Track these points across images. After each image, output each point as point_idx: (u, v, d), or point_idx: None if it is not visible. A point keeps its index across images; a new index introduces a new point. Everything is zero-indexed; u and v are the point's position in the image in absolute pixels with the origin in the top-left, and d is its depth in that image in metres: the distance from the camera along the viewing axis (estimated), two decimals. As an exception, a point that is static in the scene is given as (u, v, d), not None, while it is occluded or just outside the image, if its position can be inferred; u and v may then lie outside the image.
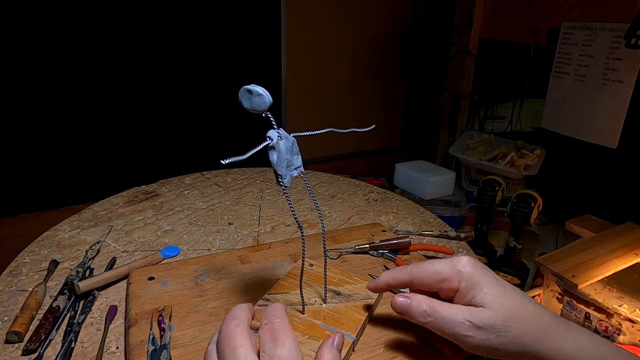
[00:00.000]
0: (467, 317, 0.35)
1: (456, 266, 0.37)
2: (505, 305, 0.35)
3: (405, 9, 1.97)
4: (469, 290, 0.36)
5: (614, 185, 1.33)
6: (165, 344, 0.42)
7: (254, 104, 0.36)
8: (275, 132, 0.38)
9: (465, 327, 0.35)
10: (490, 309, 0.35)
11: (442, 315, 0.36)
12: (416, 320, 0.37)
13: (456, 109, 1.83)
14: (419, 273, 0.39)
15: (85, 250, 0.64)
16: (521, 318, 0.35)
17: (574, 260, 0.98)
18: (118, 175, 1.50)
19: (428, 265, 0.39)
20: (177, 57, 1.50)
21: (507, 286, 0.37)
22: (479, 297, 0.36)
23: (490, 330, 0.34)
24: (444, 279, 0.38)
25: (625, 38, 1.06)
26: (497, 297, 0.36)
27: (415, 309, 0.37)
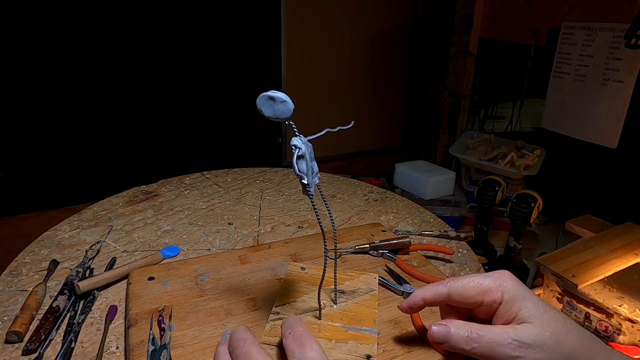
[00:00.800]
0: (513, 336, 0.33)
1: (499, 278, 0.36)
2: (551, 320, 0.34)
3: (405, 9, 1.97)
4: (513, 304, 0.34)
5: (614, 185, 1.33)
6: (165, 344, 0.42)
7: (277, 111, 0.34)
8: (299, 139, 0.36)
9: (513, 347, 0.33)
10: (536, 325, 0.33)
11: (487, 338, 0.34)
12: (458, 348, 0.34)
13: (456, 109, 1.83)
14: (458, 284, 0.37)
15: (85, 250, 0.64)
16: (568, 334, 0.33)
17: (574, 260, 0.98)
18: (118, 175, 1.51)
19: (467, 277, 0.37)
20: (177, 57, 1.50)
21: (546, 303, 0.35)
22: (524, 311, 0.34)
23: (541, 348, 0.33)
24: (486, 291, 0.36)
25: (625, 38, 1.06)
26: (542, 312, 0.34)
27: (457, 336, 0.34)
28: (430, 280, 0.55)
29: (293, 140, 0.35)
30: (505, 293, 0.35)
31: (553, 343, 0.33)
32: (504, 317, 0.35)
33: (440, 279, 0.55)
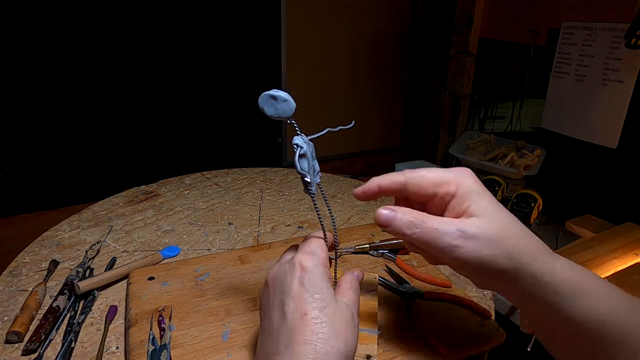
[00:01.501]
0: (458, 226, 0.32)
1: (457, 173, 0.35)
2: (502, 218, 0.33)
3: (405, 9, 1.97)
4: (466, 198, 0.33)
5: (614, 185, 1.32)
6: (165, 344, 0.42)
7: (278, 110, 0.34)
8: (301, 138, 0.35)
9: (454, 236, 0.32)
10: (484, 220, 0.32)
11: (430, 224, 0.32)
12: (401, 232, 0.33)
13: (456, 109, 1.83)
14: (415, 174, 0.36)
15: (85, 250, 0.64)
16: (517, 234, 0.32)
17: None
18: (118, 175, 1.50)
19: (426, 169, 0.36)
20: (177, 56, 1.50)
21: (500, 204, 0.34)
22: (475, 206, 0.33)
23: (483, 241, 0.31)
24: (442, 182, 0.34)
25: (625, 38, 1.06)
26: (494, 210, 0.33)
27: (401, 220, 0.33)
28: (430, 280, 0.55)
29: (295, 139, 0.35)
30: (460, 187, 0.34)
31: (496, 239, 0.31)
32: (454, 210, 0.34)
33: (441, 279, 0.55)
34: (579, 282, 0.32)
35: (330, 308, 0.32)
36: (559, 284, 0.32)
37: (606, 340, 0.31)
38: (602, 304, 0.31)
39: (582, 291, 0.31)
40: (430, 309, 0.50)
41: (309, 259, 0.34)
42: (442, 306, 0.51)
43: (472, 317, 0.49)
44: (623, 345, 0.31)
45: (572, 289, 0.31)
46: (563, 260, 0.33)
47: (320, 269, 0.34)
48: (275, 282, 0.35)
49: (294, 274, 0.34)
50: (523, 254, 0.32)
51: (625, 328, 0.31)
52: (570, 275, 0.32)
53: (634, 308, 0.32)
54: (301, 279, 0.33)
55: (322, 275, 0.34)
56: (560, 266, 0.32)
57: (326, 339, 0.31)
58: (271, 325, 0.33)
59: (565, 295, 0.31)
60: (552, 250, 0.34)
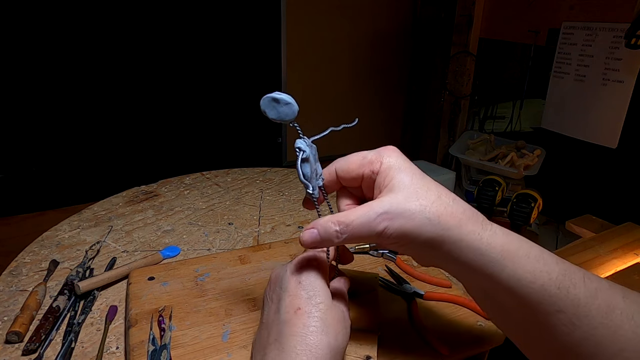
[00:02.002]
0: (377, 210, 0.32)
1: (381, 151, 0.35)
2: (421, 189, 0.33)
3: (405, 9, 1.97)
4: (387, 174, 0.34)
5: (614, 185, 1.32)
6: (165, 344, 0.42)
7: (280, 113, 0.34)
8: (303, 141, 0.35)
9: (378, 221, 0.31)
10: (403, 192, 0.32)
11: (354, 224, 0.32)
12: (332, 243, 0.33)
13: (456, 109, 1.83)
14: (343, 159, 0.37)
15: (85, 250, 0.64)
16: (438, 201, 0.32)
17: (574, 260, 0.98)
18: (118, 175, 1.50)
19: (353, 154, 0.37)
20: (177, 56, 1.50)
21: (427, 177, 0.34)
22: (395, 180, 0.33)
23: (403, 215, 0.31)
24: (366, 162, 0.35)
25: (625, 38, 1.06)
26: (414, 183, 0.33)
27: (325, 233, 0.33)
28: (430, 280, 0.55)
29: (297, 143, 0.34)
30: (383, 163, 0.34)
31: (416, 209, 0.31)
32: (379, 187, 0.34)
33: (441, 279, 0.55)
34: (508, 248, 0.32)
35: (324, 304, 0.34)
36: (486, 249, 0.31)
37: (536, 303, 0.31)
38: (530, 269, 0.31)
39: (511, 256, 0.31)
40: (430, 309, 0.50)
41: (306, 260, 0.37)
42: (442, 306, 0.51)
43: (472, 317, 0.49)
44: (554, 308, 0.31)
45: (500, 254, 0.31)
46: (495, 227, 0.33)
47: (317, 272, 0.36)
48: (276, 280, 0.37)
49: (293, 272, 0.36)
50: (447, 221, 0.31)
51: (555, 292, 0.31)
52: (501, 241, 0.32)
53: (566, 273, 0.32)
54: (299, 278, 0.35)
55: (319, 276, 0.36)
56: (489, 232, 0.32)
57: (316, 332, 0.32)
58: (267, 318, 0.36)
59: (494, 260, 0.31)
60: (485, 218, 0.34)
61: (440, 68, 1.92)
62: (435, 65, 1.98)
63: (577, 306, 0.31)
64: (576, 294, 0.31)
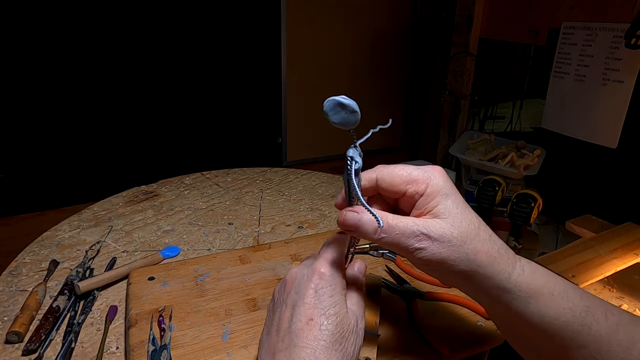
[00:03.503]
0: (421, 228, 0.33)
1: (428, 171, 0.36)
2: (464, 221, 0.34)
3: (405, 9, 1.97)
4: (433, 198, 0.34)
5: (614, 185, 1.32)
6: (165, 344, 0.42)
7: (344, 119, 0.32)
8: (355, 150, 0.33)
9: (418, 238, 0.33)
10: (447, 221, 0.33)
11: (396, 229, 0.33)
12: (368, 236, 0.34)
13: (456, 109, 1.83)
14: (386, 170, 0.37)
15: (85, 250, 0.64)
16: (477, 238, 0.33)
17: (574, 260, 0.98)
18: (118, 175, 1.50)
19: (398, 166, 0.37)
20: (177, 56, 1.50)
21: (469, 207, 0.35)
22: (440, 207, 0.34)
23: (444, 244, 0.33)
24: (413, 181, 0.35)
25: (625, 38, 1.06)
26: (458, 212, 0.34)
27: (368, 224, 0.34)
28: (430, 280, 0.55)
29: (350, 152, 0.33)
30: (430, 186, 0.35)
31: (458, 242, 0.33)
32: (420, 209, 0.35)
33: (440, 279, 0.55)
34: (534, 286, 0.33)
35: (337, 316, 0.33)
36: (513, 287, 0.33)
37: (559, 338, 0.33)
38: (554, 306, 0.33)
39: (536, 295, 0.33)
40: (430, 309, 0.50)
41: (327, 267, 0.35)
42: (442, 306, 0.51)
43: (472, 317, 0.49)
44: (576, 344, 0.33)
45: (525, 292, 0.33)
46: (524, 264, 0.35)
47: (335, 278, 0.35)
48: (293, 283, 0.36)
49: (311, 279, 0.34)
50: (481, 257, 0.33)
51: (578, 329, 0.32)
52: (527, 280, 0.34)
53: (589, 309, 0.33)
54: (316, 287, 0.34)
55: (336, 285, 0.35)
56: (518, 271, 0.34)
57: (327, 347, 0.32)
58: (279, 323, 0.35)
59: (519, 298, 0.33)
60: (514, 254, 0.35)
61: (440, 68, 1.92)
62: (435, 65, 1.98)
63: (599, 342, 0.32)
64: (598, 329, 0.32)
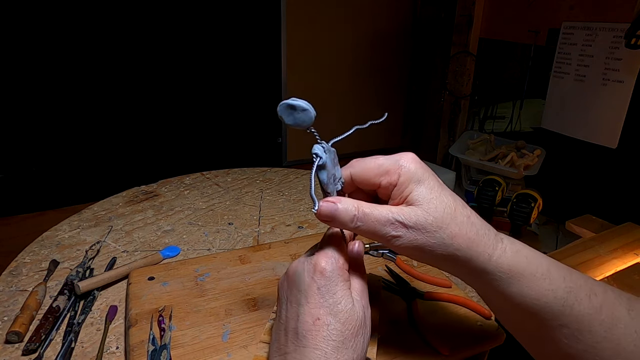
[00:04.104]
0: (396, 216, 0.33)
1: (399, 160, 0.35)
2: (439, 206, 0.33)
3: (405, 9, 1.97)
4: (407, 186, 0.34)
5: (614, 185, 1.32)
6: (165, 344, 0.42)
7: (297, 120, 0.33)
8: (320, 147, 0.34)
9: (394, 227, 0.33)
10: (421, 207, 0.33)
11: (372, 217, 0.33)
12: (345, 226, 0.34)
13: (456, 109, 1.83)
14: (359, 165, 0.37)
15: (85, 250, 0.64)
16: (453, 221, 0.33)
17: (574, 260, 0.98)
18: (118, 175, 1.50)
19: (370, 158, 0.36)
20: (177, 56, 1.50)
21: (445, 189, 0.35)
22: (414, 194, 0.34)
23: (420, 230, 0.32)
24: (385, 172, 0.35)
25: (625, 38, 1.06)
26: (432, 198, 0.33)
27: (344, 214, 0.33)
28: (430, 280, 0.55)
29: (314, 149, 0.34)
30: (402, 175, 0.34)
31: (433, 228, 0.32)
32: (395, 199, 0.35)
33: (441, 280, 0.55)
34: (515, 266, 0.33)
35: (344, 314, 0.33)
36: (494, 268, 0.33)
37: (540, 318, 0.33)
38: (535, 287, 0.33)
39: (517, 276, 0.33)
40: (430, 309, 0.50)
41: (327, 262, 0.34)
42: (442, 306, 0.51)
43: (472, 317, 0.49)
44: (557, 323, 0.33)
45: (507, 273, 0.33)
46: (506, 244, 0.34)
47: (337, 273, 0.34)
48: (294, 277, 0.35)
49: (312, 276, 0.34)
50: (458, 241, 0.33)
51: (559, 309, 0.32)
52: (508, 262, 0.33)
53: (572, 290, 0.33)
54: (319, 285, 0.33)
55: (338, 280, 0.34)
56: (499, 252, 0.33)
57: (336, 346, 0.31)
58: (287, 322, 0.34)
59: (500, 279, 0.33)
60: (496, 234, 0.35)
61: (440, 68, 1.92)
62: (435, 65, 1.98)
63: (581, 322, 0.32)
64: (580, 310, 0.33)
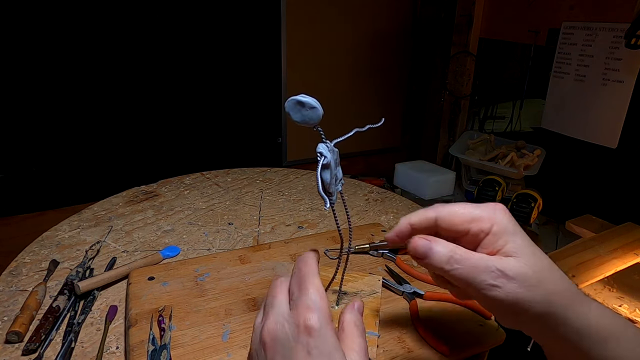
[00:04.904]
0: (497, 264, 0.31)
1: (490, 209, 0.34)
2: (536, 260, 0.32)
3: (405, 9, 1.97)
4: (501, 236, 0.32)
5: (614, 185, 1.32)
6: (165, 344, 0.42)
7: (305, 117, 0.33)
8: (325, 146, 0.33)
9: (494, 275, 0.31)
10: (521, 260, 0.31)
11: (470, 262, 0.31)
12: (438, 266, 0.32)
13: (456, 109, 1.83)
14: (446, 209, 0.35)
15: (85, 250, 0.64)
16: (552, 277, 0.32)
17: (574, 260, 0.98)
18: (118, 175, 1.50)
19: (457, 204, 0.35)
20: (177, 56, 1.50)
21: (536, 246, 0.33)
22: (510, 245, 0.32)
23: (522, 282, 0.30)
24: (476, 219, 0.33)
25: (625, 38, 1.06)
26: (530, 252, 0.32)
27: (440, 254, 0.32)
28: (430, 280, 0.55)
29: (319, 147, 0.33)
30: (495, 224, 0.33)
31: (535, 282, 0.31)
32: (488, 248, 0.33)
33: (440, 279, 0.55)
34: (609, 328, 0.32)
35: None
36: (592, 331, 0.32)
37: None
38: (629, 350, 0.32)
39: (612, 337, 0.32)
40: (430, 309, 0.50)
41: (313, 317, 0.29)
42: (442, 306, 0.51)
43: (472, 317, 0.49)
44: None
45: (603, 335, 0.32)
46: (595, 304, 0.33)
47: (327, 328, 0.29)
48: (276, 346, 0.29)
49: (299, 339, 0.29)
50: (560, 299, 0.31)
51: None
52: (603, 322, 0.32)
53: None
54: (308, 346, 0.28)
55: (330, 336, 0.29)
56: (593, 312, 0.32)
57: None
58: None
59: (597, 342, 0.32)
60: (584, 292, 0.34)
61: (440, 68, 1.92)
62: (435, 65, 1.98)
63: None
64: None
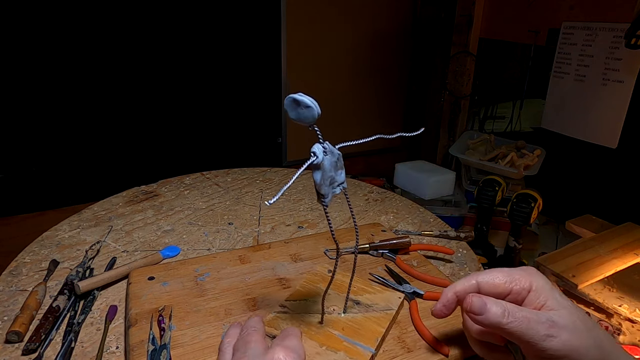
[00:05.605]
0: (548, 316, 0.33)
1: (527, 270, 0.37)
2: (578, 311, 0.34)
3: (405, 9, 1.97)
4: (542, 293, 0.35)
5: (614, 185, 1.33)
6: (165, 343, 0.42)
7: (300, 115, 0.33)
8: (320, 146, 0.33)
9: (547, 325, 0.33)
10: (566, 312, 0.34)
11: (522, 314, 0.33)
12: (495, 321, 0.34)
13: (456, 109, 1.83)
14: (486, 274, 0.38)
15: (85, 250, 0.64)
16: (595, 327, 0.34)
17: (574, 260, 0.98)
18: (118, 175, 1.50)
19: (494, 270, 0.38)
20: (177, 56, 1.50)
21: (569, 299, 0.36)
22: (552, 301, 0.35)
23: (573, 331, 0.33)
24: (515, 279, 0.36)
25: (625, 38, 1.06)
26: (569, 304, 0.35)
27: (494, 309, 0.34)
28: (430, 281, 0.55)
29: (313, 147, 0.33)
30: (534, 282, 0.36)
31: (584, 330, 0.33)
32: (533, 304, 0.35)
33: (441, 280, 0.55)
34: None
35: None
36: None
37: None
38: None
39: None
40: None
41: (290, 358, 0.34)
42: (442, 306, 0.51)
43: (472, 317, 0.49)
44: None
45: None
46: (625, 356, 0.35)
47: None
48: None
49: None
50: (606, 345, 0.33)
51: None
52: None
53: None
54: None
55: None
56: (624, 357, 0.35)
57: None
58: None
59: None
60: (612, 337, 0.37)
61: (440, 68, 1.92)
62: (435, 65, 1.99)
63: None
64: None
